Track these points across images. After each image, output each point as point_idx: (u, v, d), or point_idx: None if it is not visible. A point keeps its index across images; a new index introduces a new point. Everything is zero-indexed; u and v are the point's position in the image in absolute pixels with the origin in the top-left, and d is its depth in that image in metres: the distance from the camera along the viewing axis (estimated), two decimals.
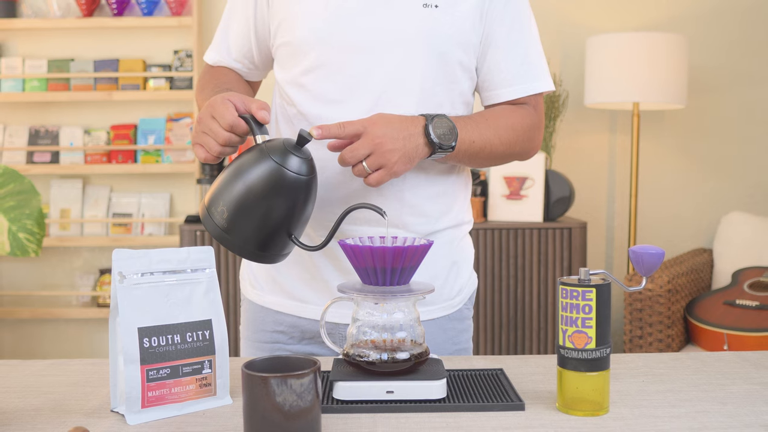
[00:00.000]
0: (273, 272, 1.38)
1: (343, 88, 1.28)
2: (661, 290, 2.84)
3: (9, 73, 3.39)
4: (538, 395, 1.06)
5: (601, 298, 0.97)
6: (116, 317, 1.00)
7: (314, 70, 1.30)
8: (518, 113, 1.36)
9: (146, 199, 3.46)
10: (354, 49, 1.27)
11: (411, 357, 1.03)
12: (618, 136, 3.49)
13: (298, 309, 1.37)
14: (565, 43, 3.45)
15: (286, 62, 1.35)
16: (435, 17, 1.28)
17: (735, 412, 0.99)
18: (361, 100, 1.27)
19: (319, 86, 1.30)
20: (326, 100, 1.29)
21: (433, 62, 1.29)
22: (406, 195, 1.31)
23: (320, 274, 1.35)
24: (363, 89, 1.28)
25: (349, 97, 1.28)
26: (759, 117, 3.49)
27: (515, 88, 1.35)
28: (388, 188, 1.30)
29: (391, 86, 1.28)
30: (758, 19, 3.45)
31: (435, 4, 1.28)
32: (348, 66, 1.28)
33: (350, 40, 1.27)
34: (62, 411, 1.02)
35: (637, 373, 1.17)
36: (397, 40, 1.27)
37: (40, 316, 3.40)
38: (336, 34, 1.28)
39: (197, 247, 1.07)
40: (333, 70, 1.28)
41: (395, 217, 1.30)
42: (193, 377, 1.02)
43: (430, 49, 1.28)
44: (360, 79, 1.27)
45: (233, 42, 1.42)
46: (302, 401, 0.84)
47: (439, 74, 1.30)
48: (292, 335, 1.38)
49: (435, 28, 1.28)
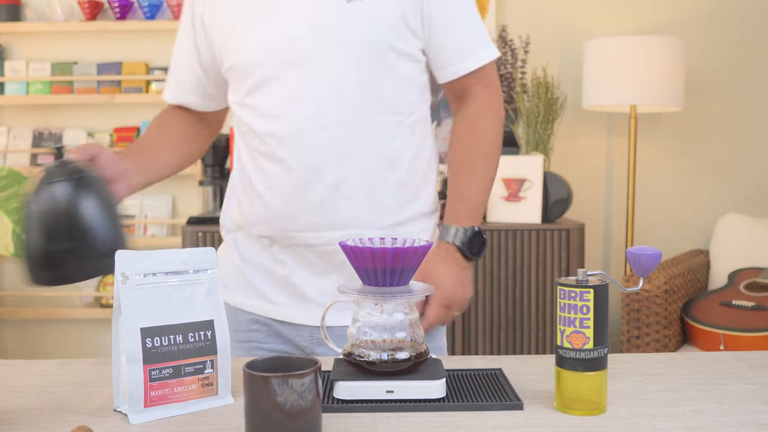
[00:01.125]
0: (246, 275, 1.39)
1: (285, 100, 1.29)
2: (658, 291, 2.84)
3: (13, 76, 3.39)
4: (536, 395, 1.06)
5: (599, 298, 0.97)
6: (119, 317, 1.00)
7: (257, 88, 1.32)
8: (482, 132, 1.38)
9: (149, 200, 3.46)
10: (289, 62, 1.28)
11: (411, 357, 1.03)
12: (615, 139, 3.49)
13: (272, 311, 1.38)
14: (564, 46, 3.45)
15: (233, 85, 1.37)
16: (361, 10, 1.27)
17: (731, 412, 0.99)
18: (304, 108, 1.28)
19: (263, 103, 1.31)
20: (271, 115, 1.31)
21: (366, 55, 1.28)
22: (374, 193, 1.32)
23: (292, 278, 1.36)
24: (304, 97, 1.28)
25: (293, 107, 1.29)
26: (755, 120, 3.49)
27: (467, 63, 1.36)
28: (353, 190, 1.30)
29: (331, 89, 1.28)
30: (755, 23, 3.45)
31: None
32: (286, 78, 1.29)
33: (283, 53, 1.29)
34: (65, 410, 1.02)
35: (635, 372, 1.17)
36: (328, 43, 1.27)
37: (44, 316, 3.40)
38: (269, 51, 1.29)
39: (199, 248, 1.07)
40: (273, 86, 1.30)
41: (359, 216, 1.31)
42: (195, 377, 1.02)
43: (361, 43, 1.27)
44: (300, 88, 1.28)
45: (184, 77, 1.46)
46: (303, 401, 0.84)
47: (376, 65, 1.29)
48: (268, 334, 1.39)
49: (363, 22, 1.27)
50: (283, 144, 1.30)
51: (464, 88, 1.40)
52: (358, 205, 1.31)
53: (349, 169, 1.29)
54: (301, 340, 1.38)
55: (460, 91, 1.40)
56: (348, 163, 1.29)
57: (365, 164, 1.30)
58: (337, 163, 1.29)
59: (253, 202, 1.36)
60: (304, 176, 1.29)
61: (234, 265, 1.42)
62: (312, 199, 1.30)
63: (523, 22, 3.43)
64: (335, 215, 1.30)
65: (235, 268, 1.42)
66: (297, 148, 1.29)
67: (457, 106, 1.42)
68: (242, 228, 1.40)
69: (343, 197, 1.29)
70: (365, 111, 1.29)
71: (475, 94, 1.39)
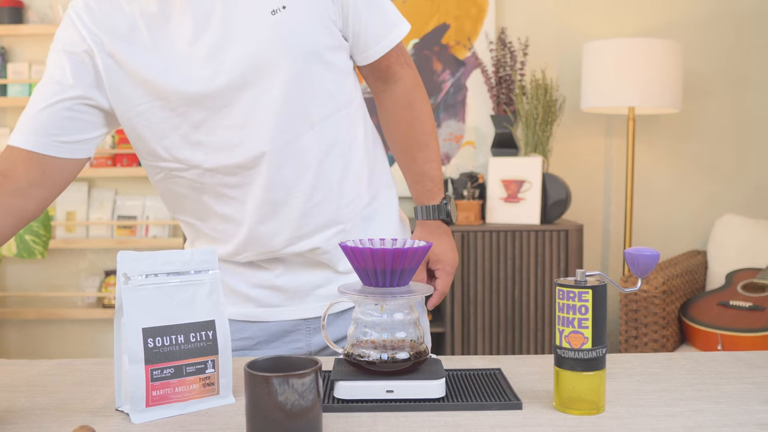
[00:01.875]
0: (229, 284, 1.37)
1: (238, 127, 1.23)
2: (656, 291, 2.84)
3: (16, 78, 3.39)
4: (535, 394, 1.06)
5: (597, 299, 0.97)
6: (121, 318, 1.00)
7: (202, 124, 1.23)
8: (420, 109, 1.42)
9: (150, 201, 3.46)
10: (232, 88, 1.22)
11: (410, 357, 1.03)
12: (614, 140, 3.50)
13: (265, 314, 1.37)
14: (563, 48, 3.45)
15: (158, 128, 1.25)
16: (287, 18, 1.23)
17: (729, 411, 0.99)
18: (262, 131, 1.24)
19: (213, 137, 1.24)
20: (228, 146, 1.24)
21: (307, 60, 1.25)
22: (342, 189, 1.32)
23: (278, 281, 1.35)
24: (259, 120, 1.24)
25: (250, 132, 1.24)
26: (752, 121, 3.49)
27: (382, 44, 1.35)
28: (324, 193, 1.30)
29: (285, 103, 1.24)
30: (752, 25, 3.45)
31: (282, 6, 1.23)
32: (234, 105, 1.23)
33: (224, 81, 1.21)
34: (68, 410, 1.02)
35: (633, 372, 1.17)
36: (264, 60, 1.22)
37: (47, 316, 3.40)
38: (206, 83, 1.21)
39: (201, 249, 1.07)
40: (222, 117, 1.23)
41: (333, 215, 1.32)
42: (196, 377, 1.02)
43: (298, 49, 1.24)
44: (251, 111, 1.23)
45: (41, 122, 1.24)
46: (304, 400, 0.84)
47: (317, 67, 1.27)
48: (259, 339, 1.37)
49: (293, 29, 1.24)
50: (249, 171, 1.25)
51: (386, 67, 1.40)
52: (330, 206, 1.31)
53: (317, 176, 1.28)
54: (296, 339, 1.38)
55: (383, 71, 1.40)
56: (315, 170, 1.28)
57: (329, 165, 1.30)
58: (307, 174, 1.28)
59: (228, 238, 1.32)
60: (278, 196, 1.27)
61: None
62: (288, 216, 1.28)
63: (523, 24, 3.43)
64: (313, 224, 1.30)
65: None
66: (264, 171, 1.25)
67: (381, 87, 1.43)
68: (220, 258, 1.37)
69: (316, 204, 1.29)
70: (320, 114, 1.28)
71: (398, 73, 1.41)
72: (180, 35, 1.21)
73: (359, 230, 1.35)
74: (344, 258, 1.34)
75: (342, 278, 1.36)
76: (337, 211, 1.32)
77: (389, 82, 1.42)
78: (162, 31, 1.22)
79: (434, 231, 1.42)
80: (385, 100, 1.43)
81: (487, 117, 3.39)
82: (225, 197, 1.29)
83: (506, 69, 3.24)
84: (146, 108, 1.24)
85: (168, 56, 1.22)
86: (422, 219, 1.43)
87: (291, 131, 1.26)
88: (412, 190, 1.45)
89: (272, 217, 1.28)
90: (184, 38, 1.21)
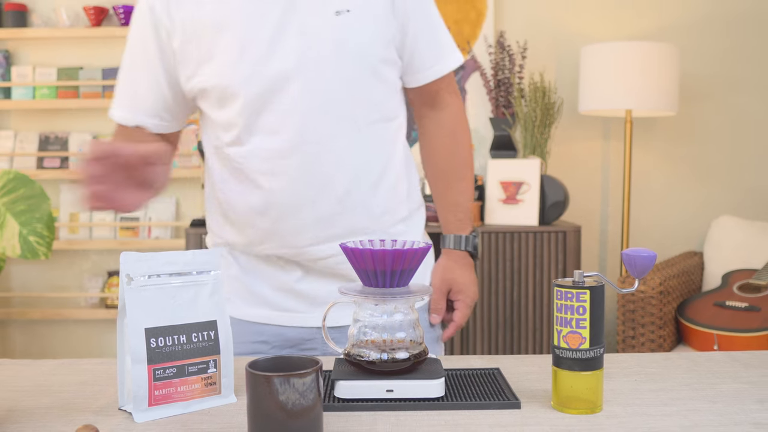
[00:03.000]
0: (248, 285, 1.36)
1: (282, 116, 1.25)
2: (653, 292, 2.84)
3: (20, 81, 3.39)
4: (533, 394, 1.06)
5: (595, 299, 0.97)
6: (124, 318, 1.00)
7: (249, 107, 1.26)
8: (462, 140, 1.43)
9: (153, 203, 3.46)
10: (282, 78, 1.24)
11: (410, 357, 1.03)
12: (611, 143, 3.50)
13: (283, 319, 1.36)
14: (560, 51, 3.45)
15: (213, 107, 1.29)
16: (349, 22, 1.25)
17: (725, 411, 0.99)
18: (304, 123, 1.25)
19: (258, 121, 1.26)
20: (270, 131, 1.26)
21: (358, 66, 1.27)
22: (373, 200, 1.32)
23: (298, 285, 1.34)
24: (302, 112, 1.25)
25: (292, 122, 1.25)
26: (748, 124, 3.49)
27: (435, 69, 1.38)
28: (355, 199, 1.30)
29: (327, 101, 1.26)
30: (747, 29, 3.45)
31: (347, 9, 1.25)
32: (282, 95, 1.25)
33: (277, 69, 1.24)
34: (71, 409, 1.02)
35: (630, 372, 1.17)
36: (321, 56, 1.25)
37: (50, 317, 3.40)
38: (261, 68, 1.24)
39: (203, 249, 1.07)
40: (268, 103, 1.25)
41: (361, 225, 1.31)
42: (198, 376, 1.02)
43: (353, 54, 1.26)
44: (296, 103, 1.25)
45: (144, 98, 1.33)
46: (305, 400, 0.84)
47: (367, 75, 1.28)
48: (274, 344, 1.37)
49: (352, 33, 1.26)
50: (286, 160, 1.26)
51: (434, 93, 1.42)
52: (360, 215, 1.31)
53: (351, 181, 1.29)
54: (312, 348, 1.37)
55: (430, 97, 1.42)
56: (351, 175, 1.29)
57: (364, 173, 1.30)
58: (341, 176, 1.28)
59: (254, 225, 1.32)
60: (307, 193, 1.27)
61: (233, 277, 1.38)
62: (317, 215, 1.28)
63: (521, 28, 3.43)
64: (340, 227, 1.29)
65: (234, 279, 1.38)
66: (297, 164, 1.26)
67: (426, 112, 1.44)
68: (237, 248, 1.37)
69: (348, 209, 1.29)
70: (363, 122, 1.29)
71: (446, 100, 1.43)
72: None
73: None
74: None
75: None
76: (368, 221, 1.32)
77: (435, 108, 1.43)
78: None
79: (459, 261, 1.42)
80: (428, 125, 1.44)
81: (486, 119, 3.39)
82: (257, 184, 1.29)
83: (505, 72, 3.24)
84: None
85: (227, 39, 1.25)
86: (449, 248, 1.42)
87: (332, 130, 1.26)
88: (443, 218, 1.45)
89: (297, 213, 1.28)
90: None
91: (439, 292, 1.40)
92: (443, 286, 1.41)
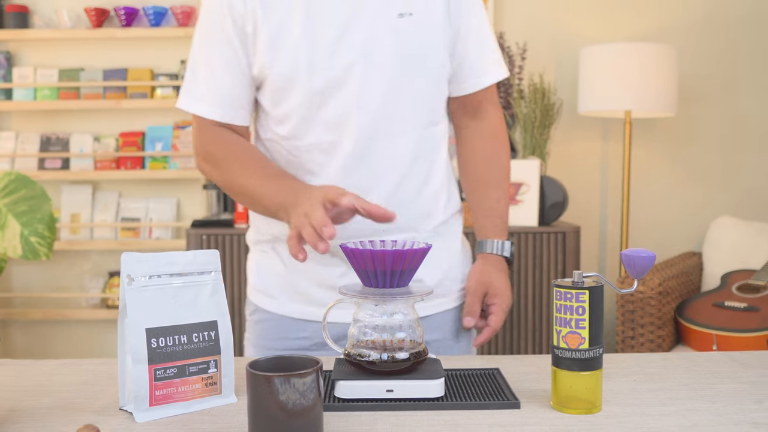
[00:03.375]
0: (293, 282, 1.36)
1: (345, 111, 1.27)
2: (653, 292, 2.84)
3: (21, 82, 3.39)
4: (533, 394, 1.06)
5: (594, 299, 0.97)
6: (125, 318, 1.00)
7: (313, 100, 1.27)
8: (502, 149, 1.45)
9: (154, 204, 3.46)
10: (344, 76, 1.26)
11: (410, 357, 1.03)
12: (610, 143, 3.50)
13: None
14: (560, 53, 3.45)
15: (275, 96, 1.30)
16: (410, 25, 1.28)
17: (724, 411, 0.99)
18: (365, 118, 1.28)
19: (322, 114, 1.28)
20: (329, 125, 1.28)
21: (417, 68, 1.29)
22: (421, 198, 1.34)
23: (342, 280, 1.34)
24: (364, 108, 1.27)
25: (349, 118, 1.28)
26: (747, 125, 3.49)
27: (482, 79, 1.41)
28: (407, 196, 1.32)
29: (388, 100, 1.28)
30: (745, 30, 3.45)
31: (409, 12, 1.27)
32: (345, 90, 1.27)
33: (337, 64, 1.26)
34: (73, 409, 1.02)
35: (629, 372, 1.17)
36: (383, 56, 1.27)
37: (52, 317, 3.40)
38: (322, 60, 1.26)
39: (203, 250, 1.07)
40: (332, 97, 1.27)
41: (411, 221, 1.33)
42: (199, 376, 1.02)
43: (413, 56, 1.28)
44: (358, 99, 1.27)
45: (230, 93, 1.32)
46: (305, 400, 0.84)
47: (425, 77, 1.31)
48: (316, 340, 1.37)
49: (413, 36, 1.28)
50: (341, 156, 1.28)
51: (477, 103, 1.44)
52: (410, 211, 1.33)
53: (400, 180, 1.31)
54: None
55: (473, 106, 1.44)
56: (399, 174, 1.31)
57: (412, 174, 1.32)
58: (391, 174, 1.30)
59: None
60: (365, 185, 1.29)
61: (277, 274, 1.38)
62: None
63: (521, 29, 3.43)
64: (385, 224, 1.30)
65: (278, 276, 1.38)
66: (360, 157, 1.28)
67: (467, 122, 1.47)
68: (283, 242, 1.36)
69: (398, 204, 1.30)
70: (416, 123, 1.31)
71: (488, 111, 1.46)
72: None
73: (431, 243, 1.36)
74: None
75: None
76: (414, 220, 1.33)
77: (477, 118, 1.46)
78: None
79: (496, 266, 1.42)
80: (468, 135, 1.47)
81: None
82: (310, 177, 1.30)
83: None
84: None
85: (296, 33, 1.27)
86: (486, 252, 1.44)
87: (388, 128, 1.29)
88: (480, 224, 1.46)
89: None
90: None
91: (474, 295, 1.40)
92: (479, 290, 1.40)
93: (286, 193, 1.20)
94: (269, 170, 1.28)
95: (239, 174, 1.29)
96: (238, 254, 2.91)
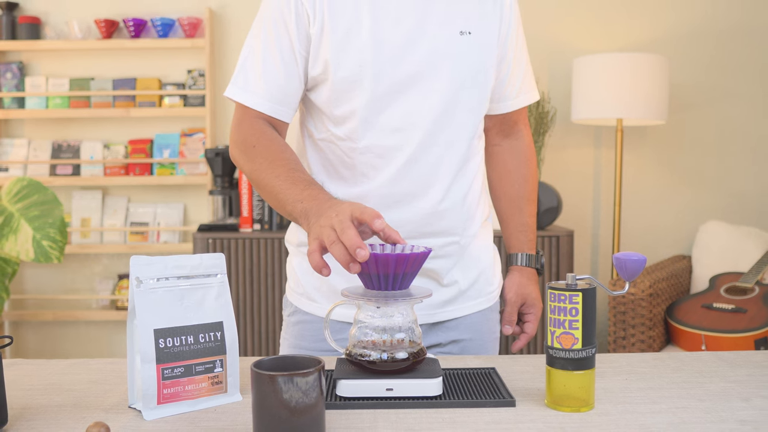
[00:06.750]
0: (333, 284, 1.34)
1: (405, 116, 1.27)
2: (643, 294, 2.84)
3: (33, 91, 3.40)
4: (528, 392, 1.06)
5: (587, 301, 0.97)
6: (134, 319, 1.01)
7: (372, 102, 1.26)
8: (532, 167, 1.50)
9: (161, 209, 3.46)
10: (408, 83, 1.27)
11: (409, 356, 1.03)
12: (603, 150, 3.50)
13: None
14: (553, 62, 3.46)
15: (336, 97, 1.28)
16: (470, 44, 1.30)
17: (712, 408, 0.99)
18: (422, 126, 1.28)
19: (382, 118, 1.27)
20: (389, 129, 1.28)
21: (472, 82, 1.31)
22: (464, 205, 1.35)
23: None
24: (423, 115, 1.28)
25: (409, 124, 1.28)
26: (735, 132, 3.50)
27: (520, 99, 1.45)
28: (453, 202, 1.32)
29: (444, 110, 1.29)
30: (734, 41, 3.46)
31: (468, 31, 1.30)
32: (407, 96, 1.27)
33: (401, 71, 1.26)
34: (83, 407, 1.02)
35: (621, 371, 1.17)
36: (444, 69, 1.28)
37: (63, 318, 3.40)
38: (388, 66, 1.25)
39: (209, 254, 1.07)
40: (394, 102, 1.27)
41: (454, 226, 1.34)
42: (205, 375, 1.02)
43: (470, 70, 1.30)
44: (418, 107, 1.27)
45: (281, 88, 1.30)
46: (307, 398, 0.85)
47: (477, 92, 1.33)
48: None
49: (472, 52, 1.30)
50: (404, 159, 1.28)
51: (513, 122, 1.48)
52: (455, 216, 1.33)
53: (451, 183, 1.32)
54: None
55: (509, 125, 1.48)
56: (449, 181, 1.31)
57: (459, 182, 1.33)
58: (444, 180, 1.31)
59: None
60: (414, 191, 1.29)
61: (317, 277, 1.36)
62: (419, 212, 1.30)
63: None
64: (438, 226, 1.31)
65: (316, 277, 1.36)
66: (414, 163, 1.28)
67: (500, 141, 1.50)
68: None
69: (446, 209, 1.31)
70: (467, 134, 1.33)
71: (522, 130, 1.50)
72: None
73: (469, 247, 1.38)
74: (451, 269, 1.35)
75: (445, 291, 1.36)
76: (456, 226, 1.34)
77: (510, 137, 1.49)
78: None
79: (531, 278, 1.47)
80: (501, 153, 1.50)
81: None
82: (363, 177, 1.30)
83: None
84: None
85: (364, 35, 1.26)
86: (519, 265, 1.47)
87: (445, 137, 1.29)
88: (512, 239, 1.49)
89: (397, 209, 1.29)
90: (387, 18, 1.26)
91: (513, 305, 1.44)
92: (518, 300, 1.44)
93: (310, 202, 1.15)
94: (296, 174, 1.23)
95: (268, 172, 1.26)
96: (243, 257, 2.91)
